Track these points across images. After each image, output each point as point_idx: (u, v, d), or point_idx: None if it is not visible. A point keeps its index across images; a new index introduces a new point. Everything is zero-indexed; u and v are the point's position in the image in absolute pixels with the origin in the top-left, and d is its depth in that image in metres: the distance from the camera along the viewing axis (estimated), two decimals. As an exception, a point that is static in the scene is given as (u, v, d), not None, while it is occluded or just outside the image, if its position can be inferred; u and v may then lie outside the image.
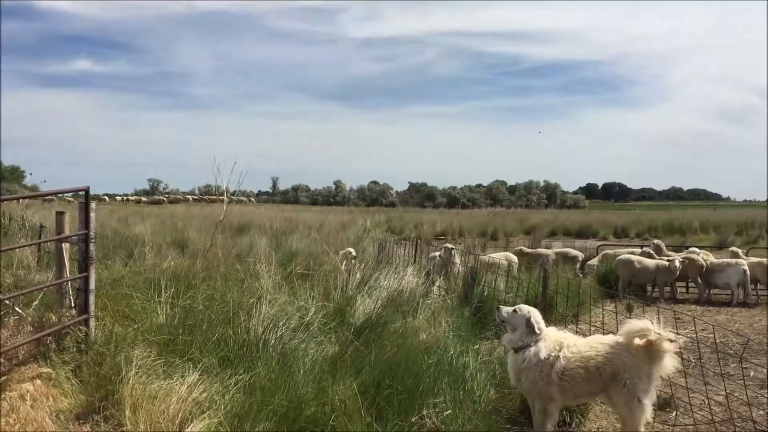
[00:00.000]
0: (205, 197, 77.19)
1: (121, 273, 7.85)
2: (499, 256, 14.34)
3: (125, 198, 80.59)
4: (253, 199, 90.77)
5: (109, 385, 4.95)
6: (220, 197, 12.00)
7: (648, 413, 5.35)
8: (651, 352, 5.34)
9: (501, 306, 5.72)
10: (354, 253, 12.32)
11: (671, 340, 5.34)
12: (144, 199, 79.30)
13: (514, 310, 5.61)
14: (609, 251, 17.24)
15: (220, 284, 7.65)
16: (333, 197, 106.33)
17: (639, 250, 16.39)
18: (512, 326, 5.54)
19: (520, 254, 16.84)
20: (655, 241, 17.79)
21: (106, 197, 78.83)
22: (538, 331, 5.45)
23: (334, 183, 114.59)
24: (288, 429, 4.67)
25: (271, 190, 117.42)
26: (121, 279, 7.39)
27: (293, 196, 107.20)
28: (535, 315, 5.53)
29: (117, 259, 9.33)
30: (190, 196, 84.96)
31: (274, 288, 7.62)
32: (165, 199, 78.36)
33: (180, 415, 4.52)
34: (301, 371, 5.41)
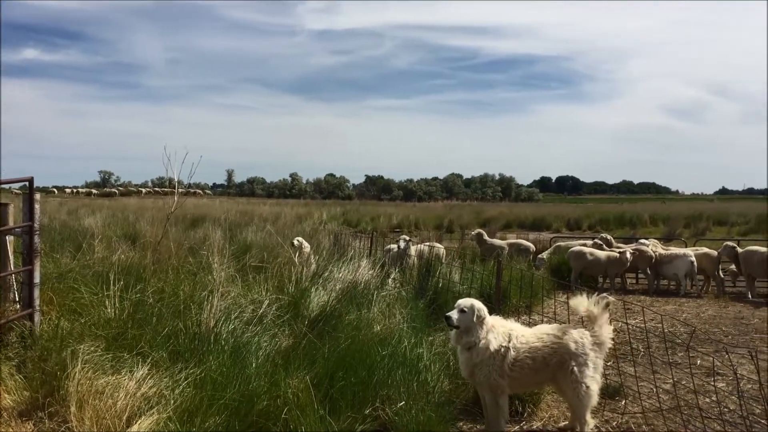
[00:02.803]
0: (158, 190, 75.92)
1: (69, 266, 7.65)
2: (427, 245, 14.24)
3: (75, 190, 78.70)
4: (209, 191, 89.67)
5: (55, 381, 4.82)
6: (174, 190, 11.77)
7: (595, 399, 5.49)
8: (596, 339, 5.51)
9: (449, 314, 5.47)
10: (300, 243, 12.26)
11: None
12: (95, 191, 77.61)
13: (462, 310, 5.44)
14: (561, 243, 17.52)
15: (171, 277, 7.51)
16: (289, 190, 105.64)
17: (590, 242, 16.69)
18: (466, 327, 5.43)
19: (479, 239, 17.07)
20: (603, 234, 18.15)
21: (55, 190, 76.90)
22: (486, 325, 5.47)
23: (291, 176, 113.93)
24: (239, 423, 4.62)
25: (226, 183, 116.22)
26: (68, 272, 7.20)
27: (249, 189, 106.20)
28: (481, 308, 5.50)
29: (65, 253, 9.09)
30: (143, 189, 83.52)
31: (228, 281, 7.51)
32: (117, 191, 76.83)
33: (128, 411, 4.42)
34: (254, 364, 5.35)
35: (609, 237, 17.20)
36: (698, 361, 7.94)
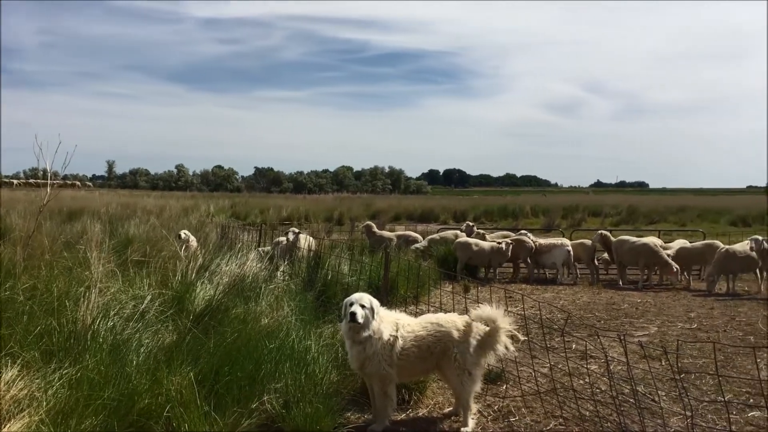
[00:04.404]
0: (31, 181, 71.51)
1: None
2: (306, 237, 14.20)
3: (-66, 182, 72.76)
4: (88, 183, 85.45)
5: None
6: (48, 181, 11.11)
7: (477, 385, 5.71)
8: (486, 334, 5.71)
9: (353, 311, 5.37)
10: (186, 236, 11.96)
11: (513, 337, 5.86)
12: (-42, 183, 72.04)
13: (362, 305, 5.43)
14: (434, 236, 18.01)
15: (44, 273, 7.10)
16: (175, 182, 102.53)
17: (458, 231, 17.68)
18: (365, 322, 5.42)
19: (369, 232, 17.26)
20: (468, 222, 19.29)
21: None
22: (378, 317, 5.54)
23: (176, 167, 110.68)
24: (119, 423, 4.44)
25: (106, 174, 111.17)
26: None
27: (132, 181, 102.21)
28: (374, 302, 5.55)
29: None
30: (14, 180, 78.48)
31: (107, 276, 7.19)
32: (-17, 183, 71.69)
33: (-5, 415, 4.15)
34: (135, 362, 5.15)
35: (471, 225, 18.11)
36: (573, 346, 8.37)
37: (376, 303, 5.55)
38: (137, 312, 6.17)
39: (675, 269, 13.93)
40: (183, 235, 11.93)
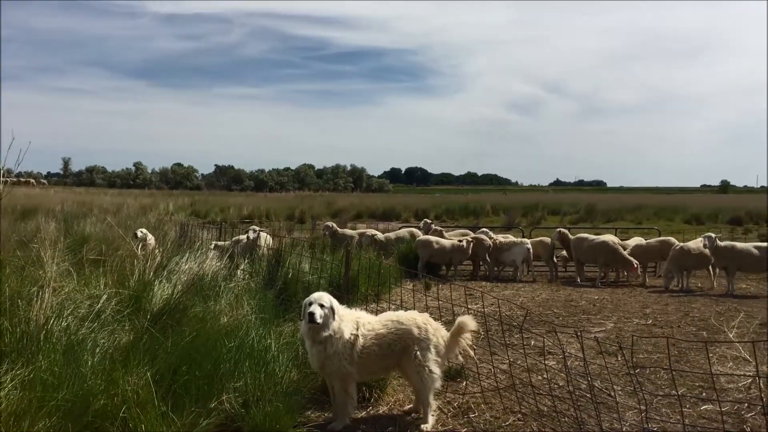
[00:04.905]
0: (-17, 178, 69.61)
1: None
2: (264, 235, 14.14)
3: None
4: (43, 181, 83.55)
5: None
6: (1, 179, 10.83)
7: (438, 382, 5.73)
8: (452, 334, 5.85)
9: (312, 311, 5.33)
10: (144, 234, 11.78)
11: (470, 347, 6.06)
12: None
13: (321, 305, 5.40)
14: (390, 234, 18.17)
15: (-5, 273, 6.91)
16: (133, 180, 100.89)
17: (414, 229, 17.88)
18: (324, 322, 5.40)
19: (331, 232, 17.23)
20: (426, 220, 19.65)
21: None
22: (338, 317, 5.52)
23: (134, 165, 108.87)
24: (74, 424, 4.35)
25: (62, 172, 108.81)
26: None
27: (88, 178, 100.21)
28: (333, 301, 5.53)
29: None
30: (-36, 178, 76.22)
31: (62, 275, 7.05)
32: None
33: (-57, 419, 4.04)
34: (90, 363, 5.04)
35: (429, 222, 18.42)
36: (532, 342, 8.48)
37: (335, 303, 5.53)
38: (93, 311, 6.05)
39: (635, 265, 14.21)
40: (140, 234, 11.74)
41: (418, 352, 5.58)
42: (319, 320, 5.35)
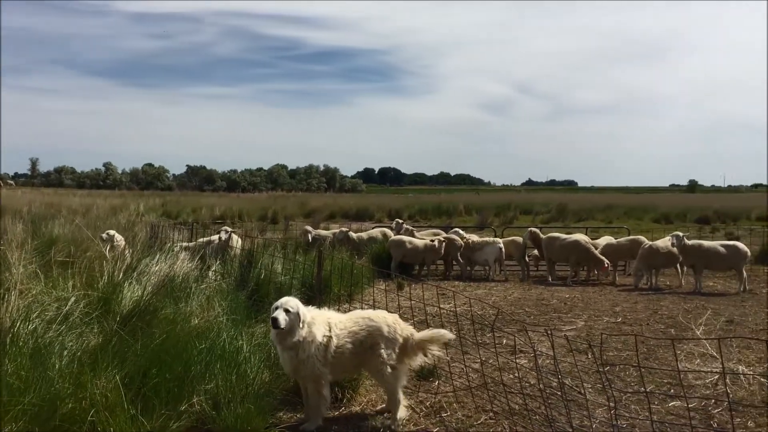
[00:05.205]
0: (-52, 179, 68.28)
1: None
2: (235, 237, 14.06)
3: None
4: (10, 181, 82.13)
5: None
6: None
7: (402, 379, 5.82)
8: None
9: (275, 316, 5.30)
10: (111, 236, 11.63)
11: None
12: None
13: (287, 310, 5.35)
14: (362, 234, 18.25)
15: (-41, 276, 6.79)
16: (103, 180, 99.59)
17: (386, 229, 18.01)
18: (290, 327, 5.36)
19: (304, 234, 17.20)
20: (398, 220, 19.97)
21: None
22: (308, 320, 5.51)
23: (104, 165, 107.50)
24: (40, 428, 4.29)
25: (29, 172, 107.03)
26: None
27: (56, 179, 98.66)
28: (300, 306, 5.50)
29: None
30: (-73, 179, 74.77)
31: (29, 277, 6.94)
32: None
33: None
34: (57, 366, 4.98)
35: (400, 222, 18.49)
36: (504, 341, 8.53)
37: (302, 308, 5.49)
38: (61, 314, 5.97)
39: (606, 264, 14.39)
40: (105, 236, 11.56)
41: (383, 350, 5.62)
42: (283, 325, 5.31)
